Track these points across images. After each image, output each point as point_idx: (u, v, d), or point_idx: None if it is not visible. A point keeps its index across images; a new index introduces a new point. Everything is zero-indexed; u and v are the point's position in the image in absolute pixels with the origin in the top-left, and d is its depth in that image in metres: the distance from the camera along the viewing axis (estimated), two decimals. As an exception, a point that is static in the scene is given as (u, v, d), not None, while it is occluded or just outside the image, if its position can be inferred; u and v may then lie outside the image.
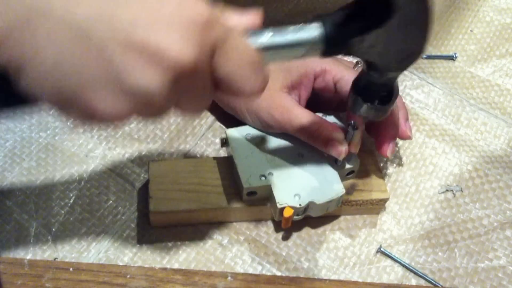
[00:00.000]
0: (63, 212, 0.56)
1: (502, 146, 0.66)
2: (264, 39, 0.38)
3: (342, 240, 0.57)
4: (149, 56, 0.31)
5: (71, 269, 0.52)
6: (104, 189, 0.58)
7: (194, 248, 0.55)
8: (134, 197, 0.58)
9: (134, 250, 0.55)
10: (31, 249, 0.54)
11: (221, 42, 0.34)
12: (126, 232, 0.56)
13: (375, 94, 0.46)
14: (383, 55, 0.42)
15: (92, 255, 0.54)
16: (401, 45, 0.41)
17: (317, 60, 0.57)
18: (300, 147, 0.56)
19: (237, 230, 0.57)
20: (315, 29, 0.39)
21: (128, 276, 0.52)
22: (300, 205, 0.52)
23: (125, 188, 0.58)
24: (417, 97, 0.69)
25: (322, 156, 0.56)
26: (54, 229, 0.55)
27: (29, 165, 0.59)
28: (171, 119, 0.64)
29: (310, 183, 0.54)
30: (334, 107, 0.59)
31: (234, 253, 0.55)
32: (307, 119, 0.54)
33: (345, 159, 0.55)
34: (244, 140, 0.57)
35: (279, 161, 0.55)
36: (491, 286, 0.56)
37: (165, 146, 0.62)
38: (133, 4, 0.32)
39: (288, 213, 0.52)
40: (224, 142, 0.57)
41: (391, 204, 0.60)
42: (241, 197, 0.55)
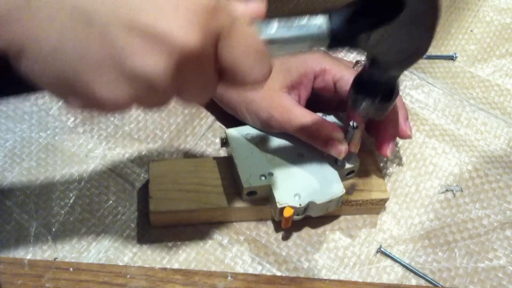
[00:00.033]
0: (63, 212, 0.56)
1: (502, 146, 0.66)
2: (270, 31, 0.38)
3: (342, 240, 0.57)
4: (153, 41, 0.31)
5: (71, 269, 0.52)
6: (104, 189, 0.58)
7: (194, 248, 0.55)
8: (134, 197, 0.58)
9: (134, 250, 0.55)
10: (31, 249, 0.54)
11: (227, 30, 0.33)
12: (126, 232, 0.56)
13: (376, 92, 0.46)
14: (388, 52, 0.42)
15: (92, 255, 0.54)
16: (407, 42, 0.41)
17: (317, 60, 0.57)
18: (300, 147, 0.56)
19: (237, 230, 0.57)
20: (322, 23, 0.39)
21: (128, 276, 0.52)
22: (300, 205, 0.52)
23: (125, 188, 0.58)
24: (417, 97, 0.69)
25: (322, 156, 0.56)
26: (54, 229, 0.55)
27: (29, 165, 0.59)
28: (171, 119, 0.64)
29: (310, 183, 0.54)
30: (334, 107, 0.59)
31: (234, 253, 0.55)
32: (307, 119, 0.54)
33: (345, 159, 0.55)
34: (244, 140, 0.57)
35: (279, 161, 0.55)
36: (491, 286, 0.56)
37: (165, 146, 0.62)
38: None
39: (288, 213, 0.52)
40: (224, 142, 0.57)
41: (391, 204, 0.60)
42: (241, 197, 0.55)
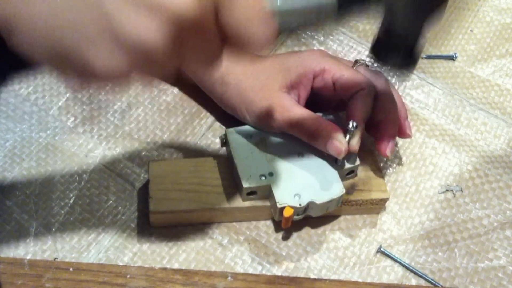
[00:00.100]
0: (63, 212, 0.56)
1: (502, 146, 0.66)
2: (276, 1, 0.37)
3: (342, 240, 0.57)
4: (147, 7, 0.30)
5: (71, 269, 0.52)
6: (104, 189, 0.58)
7: (194, 248, 0.55)
8: (134, 197, 0.58)
9: (134, 250, 0.55)
10: (31, 249, 0.54)
11: None
12: (126, 232, 0.56)
13: (397, 47, 0.44)
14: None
15: (92, 255, 0.54)
16: None
17: (316, 60, 0.57)
18: (300, 147, 0.56)
19: (237, 230, 0.57)
20: None
21: (128, 276, 0.52)
22: (300, 205, 0.52)
23: (125, 188, 0.58)
24: (417, 97, 0.69)
25: (322, 156, 0.56)
26: (54, 229, 0.55)
27: (29, 165, 0.59)
28: (171, 119, 0.64)
29: (310, 183, 0.54)
30: (334, 107, 0.59)
31: (234, 253, 0.55)
32: (307, 119, 0.54)
33: (345, 159, 0.55)
34: (244, 140, 0.57)
35: (279, 161, 0.55)
36: (491, 286, 0.56)
37: (165, 146, 0.62)
38: None
39: (288, 213, 0.52)
40: (224, 142, 0.57)
41: (391, 204, 0.60)
42: (241, 197, 0.55)
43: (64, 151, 0.60)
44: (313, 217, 0.55)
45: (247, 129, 0.57)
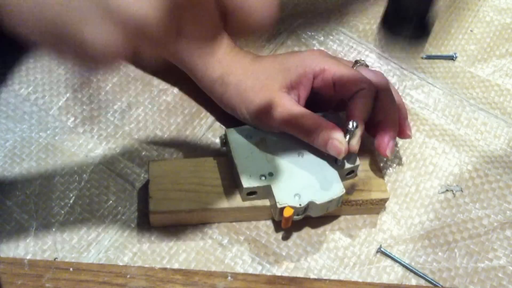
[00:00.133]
0: (63, 212, 0.56)
1: (502, 146, 0.66)
2: None
3: (342, 240, 0.57)
4: None
5: (71, 269, 0.52)
6: (104, 189, 0.58)
7: (194, 248, 0.55)
8: (134, 197, 0.58)
9: (134, 250, 0.55)
10: (31, 249, 0.54)
11: None
12: (126, 232, 0.56)
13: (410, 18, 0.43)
14: None
15: (92, 255, 0.54)
16: None
17: (316, 60, 0.57)
18: (300, 147, 0.56)
19: (237, 230, 0.57)
20: None
21: (128, 276, 0.52)
22: (300, 205, 0.52)
23: (125, 188, 0.58)
24: (417, 97, 0.69)
25: (322, 156, 0.56)
26: (54, 229, 0.55)
27: (29, 165, 0.59)
28: (171, 119, 0.64)
29: (310, 183, 0.54)
30: (334, 107, 0.59)
31: (234, 253, 0.55)
32: (307, 119, 0.54)
33: (345, 159, 0.55)
34: (244, 140, 0.57)
35: (279, 161, 0.55)
36: (491, 286, 0.56)
37: (165, 146, 0.62)
38: None
39: (288, 213, 0.52)
40: (224, 142, 0.57)
41: (391, 204, 0.60)
42: (241, 197, 0.55)
43: (64, 151, 0.60)
44: (313, 217, 0.55)
45: (247, 129, 0.57)
